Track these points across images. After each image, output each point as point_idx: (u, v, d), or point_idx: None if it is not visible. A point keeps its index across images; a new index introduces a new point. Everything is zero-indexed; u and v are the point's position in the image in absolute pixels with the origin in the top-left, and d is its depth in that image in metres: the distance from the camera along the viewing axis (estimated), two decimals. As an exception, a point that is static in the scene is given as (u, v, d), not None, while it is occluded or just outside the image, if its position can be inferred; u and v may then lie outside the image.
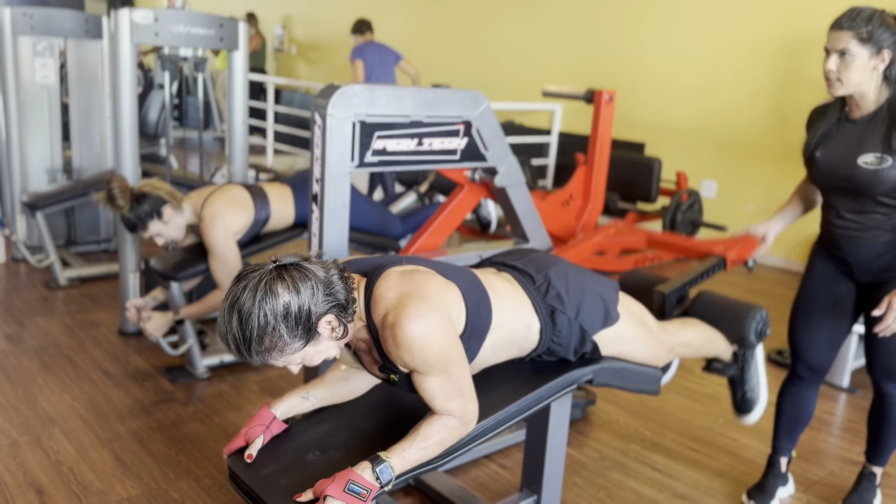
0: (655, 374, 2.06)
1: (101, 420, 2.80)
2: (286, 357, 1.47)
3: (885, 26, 1.99)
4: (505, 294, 1.77)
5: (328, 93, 2.13)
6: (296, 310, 1.42)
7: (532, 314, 1.80)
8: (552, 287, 1.83)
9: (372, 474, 1.47)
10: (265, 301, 1.40)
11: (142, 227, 2.93)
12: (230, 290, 1.44)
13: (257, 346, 1.43)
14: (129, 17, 3.23)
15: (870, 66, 2.01)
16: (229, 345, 1.45)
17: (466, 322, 1.64)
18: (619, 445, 2.85)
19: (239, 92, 3.70)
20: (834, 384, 3.50)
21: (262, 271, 1.45)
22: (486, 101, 2.50)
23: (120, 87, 3.32)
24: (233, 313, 1.42)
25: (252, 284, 1.42)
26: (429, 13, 8.88)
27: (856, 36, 1.99)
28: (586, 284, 1.89)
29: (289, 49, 11.15)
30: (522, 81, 7.74)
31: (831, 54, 2.04)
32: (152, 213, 2.91)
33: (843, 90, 2.06)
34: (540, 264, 1.91)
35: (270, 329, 1.41)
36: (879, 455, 2.41)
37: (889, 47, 2.00)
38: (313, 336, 1.47)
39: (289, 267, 1.46)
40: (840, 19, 2.02)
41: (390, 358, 1.55)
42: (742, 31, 5.92)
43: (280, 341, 1.43)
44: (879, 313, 2.07)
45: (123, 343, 3.53)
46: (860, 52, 1.99)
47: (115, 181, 2.91)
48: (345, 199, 2.21)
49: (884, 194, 2.08)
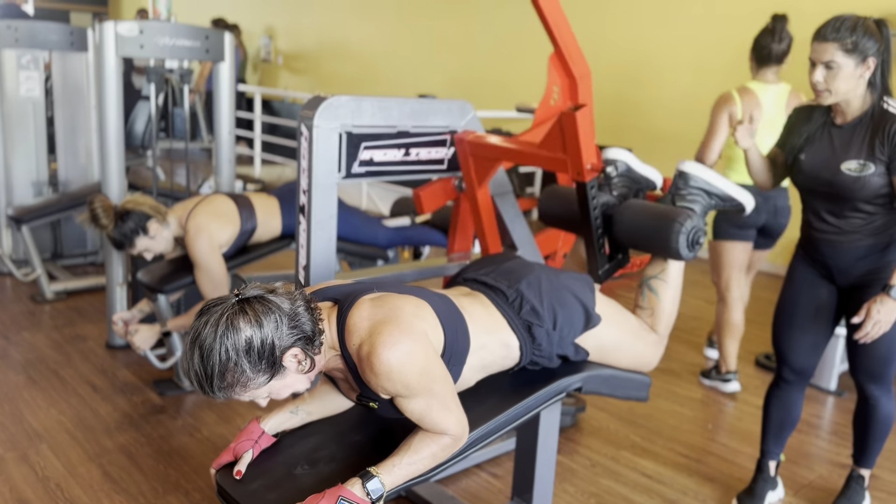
0: (644, 381, 2.07)
1: (89, 434, 2.78)
2: (251, 392, 1.45)
3: (869, 34, 2.00)
4: (480, 318, 1.76)
5: (314, 104, 2.13)
6: (258, 344, 1.40)
7: (509, 333, 1.79)
8: (525, 301, 1.82)
9: (362, 490, 1.46)
10: (226, 336, 1.38)
11: (129, 245, 2.91)
12: (192, 325, 1.42)
13: (219, 381, 1.40)
14: (114, 29, 3.22)
15: (856, 75, 2.03)
16: (192, 381, 1.43)
17: (445, 343, 1.63)
18: (610, 452, 2.86)
19: (225, 103, 3.69)
20: (821, 387, 3.52)
21: (225, 305, 1.42)
22: (473, 111, 2.51)
23: (105, 100, 3.31)
24: (194, 349, 1.40)
25: (214, 319, 1.40)
26: (414, 23, 8.91)
27: (841, 47, 2.00)
28: (562, 290, 1.87)
29: (275, 59, 11.15)
30: (507, 90, 7.77)
31: (817, 66, 2.05)
32: (138, 230, 2.89)
33: (832, 99, 2.08)
34: (511, 277, 1.88)
35: (232, 365, 1.39)
36: (866, 458, 2.43)
37: (873, 55, 2.02)
38: (278, 370, 1.45)
39: (252, 300, 1.43)
40: (824, 30, 2.02)
41: (370, 387, 1.54)
42: (726, 39, 5.96)
43: (243, 377, 1.41)
44: (858, 321, 2.09)
45: (111, 356, 3.51)
46: (846, 62, 2.01)
47: (97, 200, 2.89)
48: (332, 210, 2.21)
49: (865, 200, 2.10)
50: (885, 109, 2.06)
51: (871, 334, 2.07)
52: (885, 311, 2.04)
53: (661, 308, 2.07)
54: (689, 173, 2.11)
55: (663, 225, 1.99)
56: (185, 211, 2.99)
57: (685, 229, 1.96)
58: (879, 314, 2.04)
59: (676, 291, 2.09)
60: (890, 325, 2.06)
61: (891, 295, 2.03)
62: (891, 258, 2.15)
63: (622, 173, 2.18)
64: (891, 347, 2.20)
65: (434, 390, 1.54)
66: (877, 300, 2.05)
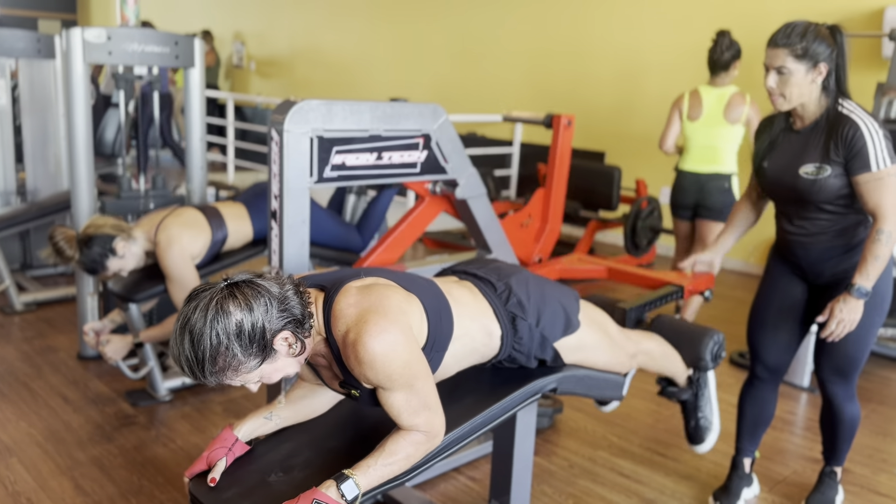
0: (619, 381, 2.08)
1: (61, 447, 2.73)
2: (242, 376, 1.45)
3: (820, 39, 2.03)
4: (465, 303, 1.77)
5: (285, 108, 2.12)
6: (249, 327, 1.40)
7: (493, 321, 1.80)
8: (513, 294, 1.83)
9: (337, 492, 1.45)
10: (217, 320, 1.38)
11: (101, 269, 2.85)
12: (181, 311, 1.42)
13: (211, 366, 1.40)
14: (81, 36, 3.18)
15: (808, 80, 2.06)
16: (182, 367, 1.42)
17: (428, 333, 1.64)
18: (587, 452, 2.87)
19: (196, 109, 3.66)
20: (795, 384, 3.57)
21: (214, 290, 1.42)
22: (445, 114, 2.50)
23: (74, 107, 3.26)
24: (184, 334, 1.39)
25: (203, 304, 1.39)
26: (387, 28, 8.90)
27: (791, 53, 2.03)
28: (547, 293, 1.90)
29: (247, 65, 11.09)
30: (482, 94, 7.79)
31: (770, 71, 2.08)
32: (105, 253, 2.83)
33: (787, 105, 2.11)
34: (501, 272, 1.91)
35: (223, 349, 1.39)
36: (836, 456, 2.46)
37: (825, 60, 2.04)
38: (269, 353, 1.45)
39: (241, 284, 1.43)
40: (775, 37, 2.06)
41: (353, 374, 1.54)
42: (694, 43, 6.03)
43: (234, 360, 1.41)
44: (822, 320, 2.12)
45: (82, 368, 3.46)
46: (797, 67, 2.04)
47: (57, 234, 2.84)
48: (304, 215, 2.20)
49: (825, 202, 2.13)
50: (839, 112, 2.09)
51: (836, 333, 2.10)
52: (849, 310, 2.07)
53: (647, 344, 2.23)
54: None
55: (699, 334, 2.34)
56: (152, 224, 2.95)
57: (716, 341, 2.32)
58: (843, 313, 2.07)
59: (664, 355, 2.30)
60: (854, 324, 2.09)
61: (853, 294, 2.06)
62: (858, 257, 2.19)
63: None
64: (858, 347, 2.23)
65: (415, 386, 1.54)
66: (840, 299, 2.08)
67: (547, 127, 3.54)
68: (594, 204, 5.89)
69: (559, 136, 3.44)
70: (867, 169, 2.03)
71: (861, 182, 2.05)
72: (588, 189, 5.86)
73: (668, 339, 2.33)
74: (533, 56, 7.21)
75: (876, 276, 2.06)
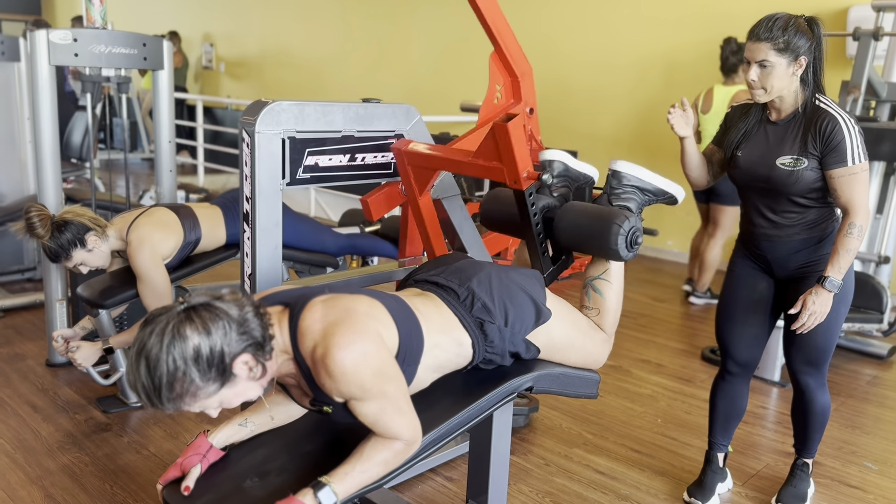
0: (594, 379, 2.09)
1: (30, 456, 2.68)
2: (201, 402, 1.41)
3: (801, 33, 2.07)
4: (432, 317, 1.76)
5: (256, 109, 2.10)
6: (207, 352, 1.36)
7: (461, 331, 1.79)
8: (477, 299, 1.82)
9: (314, 500, 1.44)
10: (173, 345, 1.34)
11: (65, 257, 2.82)
12: (137, 336, 1.38)
13: (168, 393, 1.36)
14: (46, 37, 3.12)
15: (789, 73, 2.09)
16: (139, 394, 1.38)
17: (399, 343, 1.62)
18: (563, 450, 2.88)
19: (165, 111, 3.61)
20: (765, 379, 3.62)
21: (170, 314, 1.38)
22: (418, 115, 2.50)
23: (39, 110, 3.20)
24: (140, 360, 1.35)
25: (159, 329, 1.35)
26: (358, 29, 8.87)
27: (773, 46, 2.06)
28: (512, 287, 1.88)
29: (217, 66, 10.99)
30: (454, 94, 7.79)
31: (752, 65, 2.11)
32: (75, 242, 2.80)
33: (766, 97, 2.14)
34: (462, 275, 1.89)
35: (181, 374, 1.35)
36: (808, 448, 2.50)
37: (805, 53, 2.08)
38: (229, 378, 1.41)
39: (198, 308, 1.39)
40: (757, 30, 2.08)
41: (324, 390, 1.52)
42: (663, 41, 6.10)
43: (192, 386, 1.37)
44: (795, 312, 2.15)
45: (52, 375, 3.40)
46: (779, 61, 2.07)
47: (34, 209, 2.80)
48: (277, 218, 2.18)
49: (799, 194, 2.16)
50: (817, 105, 2.13)
51: (807, 324, 2.13)
52: (820, 302, 2.10)
53: (606, 307, 2.10)
54: (621, 172, 2.15)
55: (602, 227, 2.00)
56: (125, 223, 2.92)
57: (623, 231, 1.98)
58: (815, 305, 2.10)
59: (619, 290, 2.13)
60: (825, 316, 2.13)
61: (825, 286, 2.09)
62: (825, 251, 2.22)
63: (560, 174, 2.20)
64: (827, 337, 2.27)
65: (388, 393, 1.53)
66: (812, 291, 2.11)
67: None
68: (567, 203, 5.92)
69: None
70: (843, 163, 2.07)
71: (836, 176, 2.09)
72: (561, 188, 5.88)
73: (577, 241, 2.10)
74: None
75: (847, 268, 2.10)
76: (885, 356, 4.02)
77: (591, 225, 2.04)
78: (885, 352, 4.02)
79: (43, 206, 2.84)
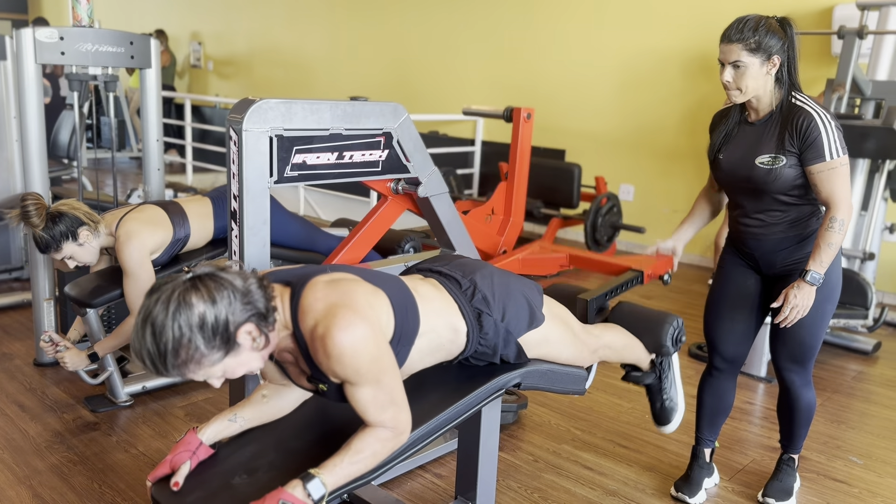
0: (581, 375, 2.11)
1: (18, 456, 2.67)
2: (205, 370, 1.43)
3: (772, 33, 2.09)
4: (431, 299, 1.78)
5: (243, 107, 2.10)
6: (212, 320, 1.39)
7: (459, 317, 1.81)
8: (478, 290, 1.84)
9: (303, 492, 1.45)
10: (179, 312, 1.36)
11: (55, 248, 2.81)
12: (143, 304, 1.40)
13: (173, 359, 1.38)
14: (32, 36, 3.11)
15: (762, 73, 2.11)
16: (144, 360, 1.40)
17: (395, 327, 1.64)
18: (552, 447, 2.90)
19: (153, 110, 3.60)
20: (752, 375, 3.65)
21: (176, 283, 1.41)
22: (406, 113, 2.51)
23: (26, 109, 3.19)
24: (146, 327, 1.37)
25: (165, 296, 1.38)
26: (346, 28, 8.86)
27: (745, 47, 2.08)
28: (511, 287, 1.91)
29: (205, 65, 10.95)
30: (443, 93, 7.80)
31: (726, 66, 2.13)
32: (67, 234, 2.80)
33: (742, 97, 2.16)
34: (466, 269, 1.92)
35: (186, 341, 1.37)
36: (793, 443, 2.53)
37: (777, 53, 2.11)
38: (233, 347, 1.44)
39: (204, 277, 1.42)
40: (728, 32, 2.11)
41: (321, 369, 1.54)
42: (652, 40, 6.12)
43: (197, 353, 1.39)
44: (777, 306, 2.17)
45: (39, 374, 3.38)
46: (752, 61, 2.09)
47: (31, 198, 2.79)
48: (265, 216, 2.18)
49: (780, 192, 2.19)
50: (793, 103, 2.16)
51: (789, 318, 2.15)
52: (802, 296, 2.12)
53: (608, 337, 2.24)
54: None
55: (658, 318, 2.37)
56: (114, 219, 2.91)
57: (674, 326, 2.35)
58: (797, 298, 2.13)
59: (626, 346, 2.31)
60: (807, 310, 2.15)
61: (807, 280, 2.12)
62: (810, 248, 2.25)
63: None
64: (813, 335, 2.29)
65: (382, 381, 1.54)
66: (794, 285, 2.14)
67: (507, 121, 3.56)
68: (555, 201, 5.94)
69: (519, 129, 3.48)
70: (821, 159, 2.10)
71: (815, 172, 2.11)
72: (549, 187, 5.91)
73: (629, 326, 2.36)
74: (493, 55, 7.24)
75: (828, 262, 2.12)
76: (870, 352, 4.06)
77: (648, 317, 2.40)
78: (871, 347, 4.07)
79: (39, 196, 2.83)
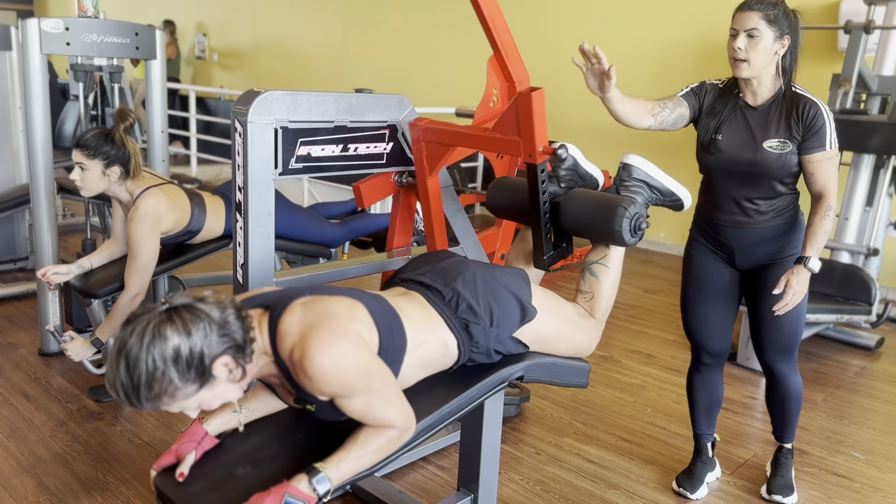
0: (584, 367, 2.11)
1: (23, 445, 2.69)
2: (179, 402, 1.42)
3: (786, 15, 2.11)
4: (416, 317, 1.77)
5: (248, 99, 2.10)
6: (187, 353, 1.37)
7: (446, 331, 1.80)
8: (462, 300, 1.83)
9: (308, 486, 1.46)
10: (153, 345, 1.35)
11: (89, 155, 2.77)
12: (118, 336, 1.39)
13: (146, 392, 1.37)
14: (38, 26, 3.12)
15: (773, 50, 2.11)
16: (118, 392, 1.38)
17: (380, 342, 1.63)
18: (554, 440, 2.90)
19: (157, 101, 3.61)
20: (753, 369, 3.65)
21: (152, 314, 1.39)
22: (411, 105, 2.51)
23: (31, 100, 3.20)
24: (120, 359, 1.36)
25: (140, 328, 1.36)
26: (351, 21, 8.84)
27: (764, 17, 2.08)
28: (497, 286, 1.89)
29: (210, 57, 10.94)
30: (447, 86, 7.79)
31: (740, 34, 2.11)
32: (108, 160, 2.77)
33: (748, 71, 2.14)
34: (448, 275, 1.89)
35: (160, 374, 1.36)
36: (789, 432, 2.53)
37: (788, 34, 2.11)
38: (208, 379, 1.42)
39: (180, 309, 1.40)
40: (749, 1, 2.11)
41: (306, 390, 1.54)
42: (654, 35, 6.10)
43: (171, 386, 1.38)
44: (778, 292, 2.14)
45: (44, 364, 3.40)
46: (767, 32, 2.09)
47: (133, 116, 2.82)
48: (269, 207, 2.18)
49: (779, 178, 2.20)
50: (795, 92, 2.17)
51: (790, 304, 2.13)
52: (801, 282, 2.11)
53: (601, 292, 2.12)
54: (631, 165, 2.19)
55: (607, 210, 2.05)
56: (142, 184, 2.88)
57: (628, 214, 2.03)
58: (798, 284, 2.10)
59: (616, 277, 2.16)
60: (803, 296, 2.15)
61: (808, 266, 2.11)
62: (792, 237, 2.27)
63: (569, 167, 2.23)
64: (797, 322, 2.31)
65: (374, 387, 1.54)
66: (794, 271, 2.11)
67: None
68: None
69: None
70: (822, 148, 2.12)
71: (815, 160, 2.13)
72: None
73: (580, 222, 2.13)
74: (498, 48, 7.22)
75: (821, 249, 2.13)
76: (873, 347, 4.06)
77: (596, 208, 2.09)
78: (874, 343, 4.06)
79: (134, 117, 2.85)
